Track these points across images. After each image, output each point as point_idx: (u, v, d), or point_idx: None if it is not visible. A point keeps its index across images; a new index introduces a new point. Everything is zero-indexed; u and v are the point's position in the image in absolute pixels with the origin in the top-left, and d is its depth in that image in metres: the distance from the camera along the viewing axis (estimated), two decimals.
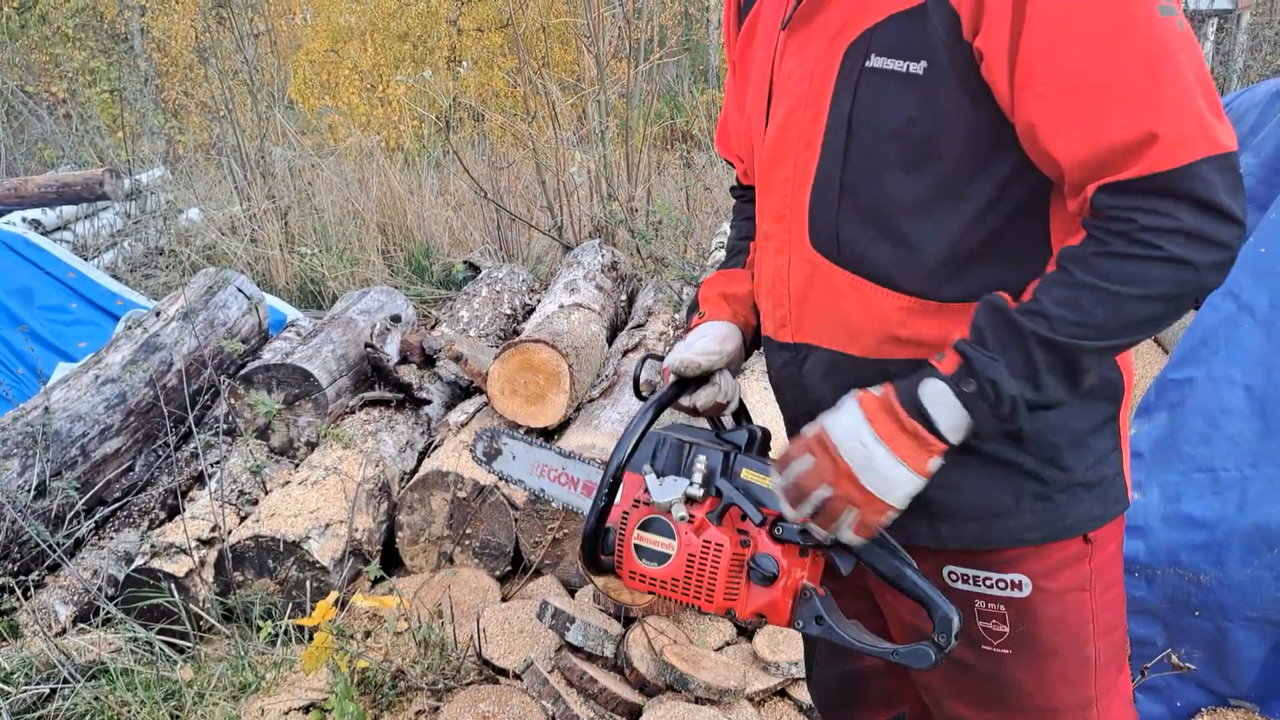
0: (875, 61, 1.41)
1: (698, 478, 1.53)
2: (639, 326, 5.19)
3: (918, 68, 1.37)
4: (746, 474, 1.53)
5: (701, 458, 1.54)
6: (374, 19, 16.42)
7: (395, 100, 14.26)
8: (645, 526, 1.53)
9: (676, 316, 5.16)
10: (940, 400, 1.35)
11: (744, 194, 1.99)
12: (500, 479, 2.12)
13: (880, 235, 1.47)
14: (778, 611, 1.51)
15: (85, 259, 6.51)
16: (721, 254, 4.98)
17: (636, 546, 1.53)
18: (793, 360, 1.63)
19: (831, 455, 1.40)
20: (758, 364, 4.48)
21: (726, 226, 5.44)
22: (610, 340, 5.21)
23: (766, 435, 1.66)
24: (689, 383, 1.70)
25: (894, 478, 1.37)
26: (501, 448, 2.18)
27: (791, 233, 1.56)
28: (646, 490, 1.54)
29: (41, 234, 6.57)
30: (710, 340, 1.73)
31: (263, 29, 9.63)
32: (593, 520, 1.54)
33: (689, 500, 1.52)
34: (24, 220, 6.65)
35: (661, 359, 1.77)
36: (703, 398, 1.72)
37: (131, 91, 12.85)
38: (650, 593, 1.53)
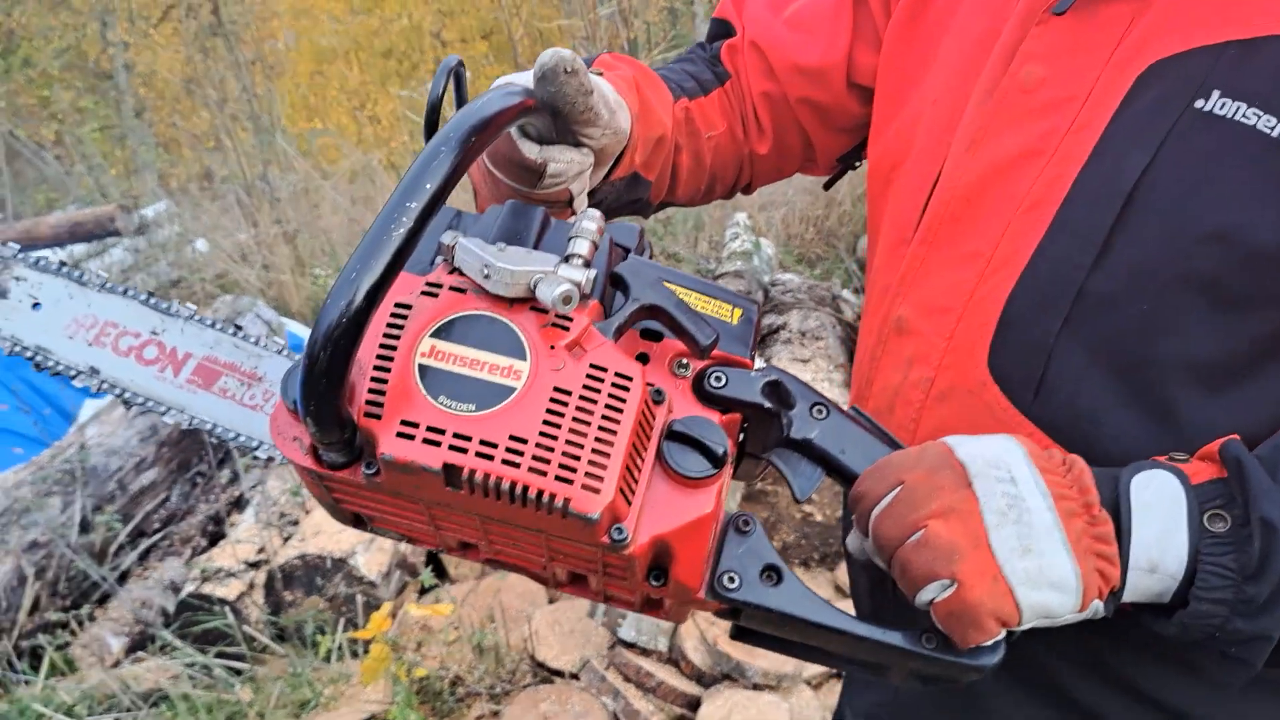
0: (1220, 105, 0.86)
1: (583, 248, 0.78)
2: None
3: None
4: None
5: (588, 223, 0.79)
6: (357, 37, 16.50)
7: (385, 117, 14.32)
8: (448, 331, 0.76)
9: None
10: (1159, 507, 0.80)
11: (713, 58, 1.33)
12: None
13: (1129, 396, 0.91)
14: (698, 540, 0.79)
15: None
16: (737, 245, 5.01)
17: (423, 369, 0.74)
18: None
19: (948, 481, 0.80)
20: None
21: (739, 216, 5.44)
22: None
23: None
24: (546, 112, 0.93)
25: (1046, 553, 0.77)
26: (7, 286, 1.15)
27: (954, 339, 0.99)
28: (456, 269, 0.79)
29: None
30: (605, 87, 1.00)
31: (253, 57, 9.68)
32: (354, 315, 0.67)
33: (568, 289, 0.75)
34: None
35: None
36: (566, 157, 0.96)
37: (124, 127, 12.90)
38: (445, 468, 0.71)
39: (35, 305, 1.14)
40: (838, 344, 4.34)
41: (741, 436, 0.88)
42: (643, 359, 0.83)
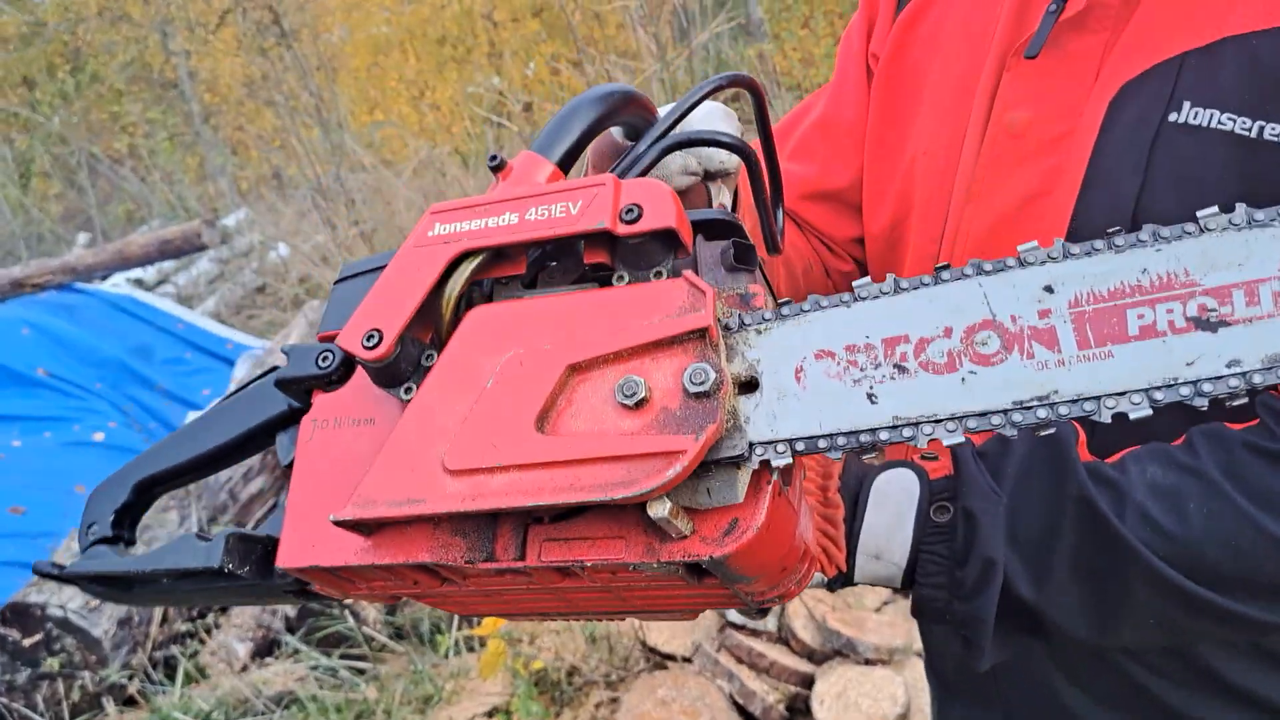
0: (1193, 115, 0.87)
1: None
2: None
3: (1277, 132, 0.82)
4: None
5: None
6: (410, 26, 16.60)
7: (445, 104, 14.43)
8: None
9: None
10: (893, 499, 0.86)
11: None
12: None
13: None
14: None
15: (191, 309, 6.77)
16: None
17: None
18: None
19: None
20: None
21: None
22: None
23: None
24: None
25: None
26: None
27: None
28: None
29: (145, 291, 6.85)
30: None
31: (315, 60, 9.83)
32: None
33: None
34: (127, 281, 6.93)
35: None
36: None
37: (194, 134, 13.21)
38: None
39: None
40: None
41: None
42: None
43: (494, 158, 0.78)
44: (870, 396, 0.64)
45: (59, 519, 4.45)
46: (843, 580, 0.87)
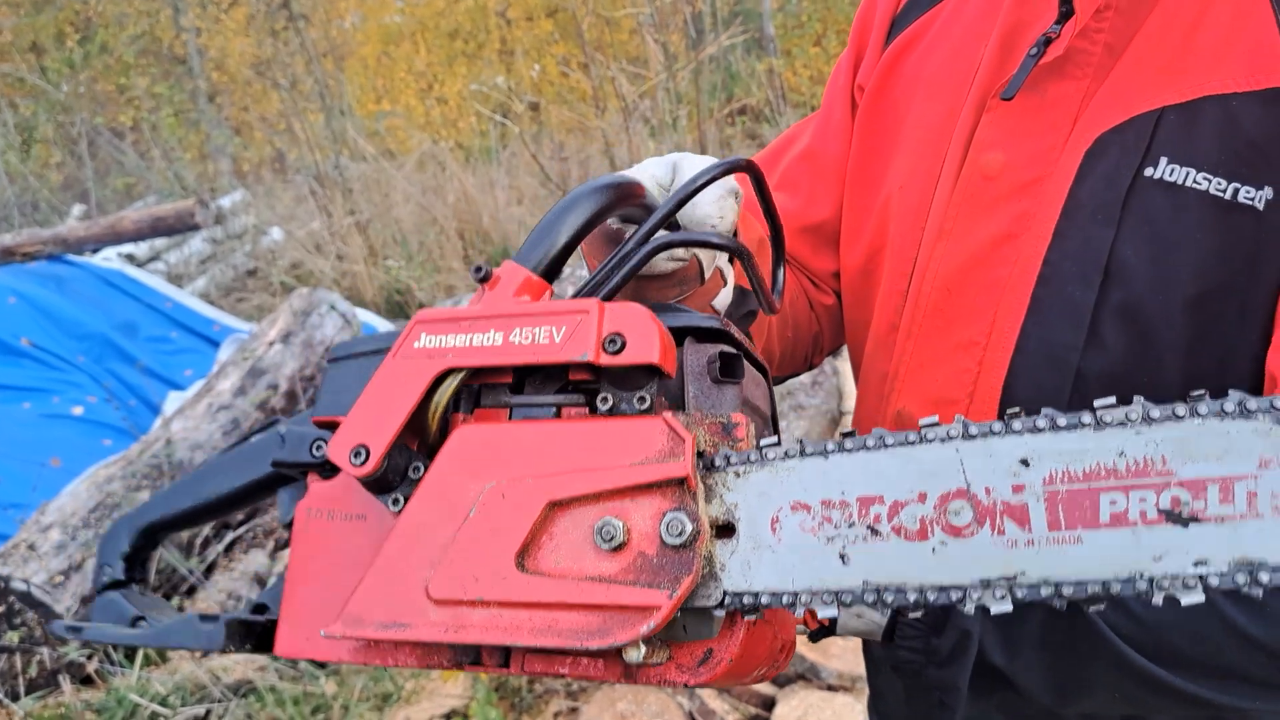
0: (1169, 172, 0.86)
1: None
2: None
3: (1254, 196, 0.83)
4: None
5: None
6: (423, 18, 16.61)
7: (452, 98, 14.43)
8: None
9: None
10: None
11: None
12: None
13: None
14: None
15: (180, 288, 6.74)
16: None
17: None
18: None
19: None
20: None
21: None
22: None
23: None
24: None
25: None
26: None
27: None
28: None
29: (136, 267, 6.81)
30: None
31: (324, 46, 9.80)
32: None
33: None
34: (119, 255, 6.90)
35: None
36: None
37: (198, 113, 13.17)
38: None
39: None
40: None
41: None
42: None
43: (479, 269, 0.80)
44: (843, 557, 0.65)
45: (30, 491, 4.41)
46: (824, 633, 0.90)
